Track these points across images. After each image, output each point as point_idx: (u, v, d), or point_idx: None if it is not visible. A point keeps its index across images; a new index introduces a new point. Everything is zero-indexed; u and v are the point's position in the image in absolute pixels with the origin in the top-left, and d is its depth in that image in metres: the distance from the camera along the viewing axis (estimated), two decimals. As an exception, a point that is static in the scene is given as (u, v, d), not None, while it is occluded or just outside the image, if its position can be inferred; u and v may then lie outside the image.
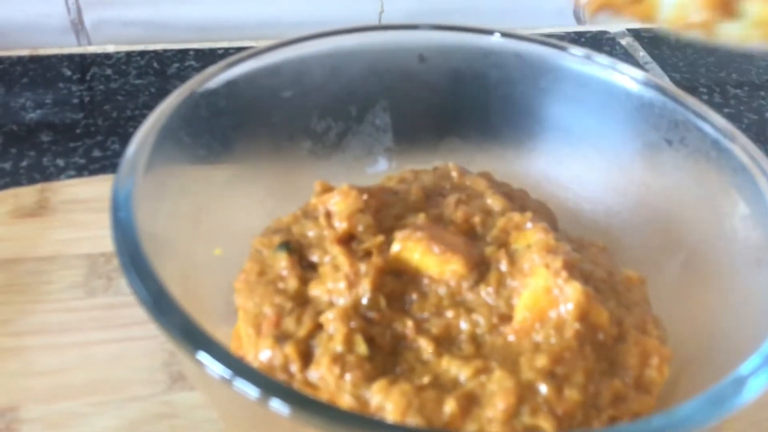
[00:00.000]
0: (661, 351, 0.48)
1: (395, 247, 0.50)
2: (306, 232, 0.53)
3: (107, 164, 0.79)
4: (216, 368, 0.36)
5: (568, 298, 0.46)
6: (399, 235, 0.50)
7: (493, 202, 0.55)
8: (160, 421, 0.53)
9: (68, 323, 0.59)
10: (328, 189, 0.57)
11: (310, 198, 0.58)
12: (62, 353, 0.57)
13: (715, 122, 0.52)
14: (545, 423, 0.42)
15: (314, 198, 0.56)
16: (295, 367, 0.45)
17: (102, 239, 0.66)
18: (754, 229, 0.48)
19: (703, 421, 0.38)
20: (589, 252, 0.55)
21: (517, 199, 0.59)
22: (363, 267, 0.48)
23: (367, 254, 0.50)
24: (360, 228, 0.51)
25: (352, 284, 0.48)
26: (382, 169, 0.62)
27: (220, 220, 0.57)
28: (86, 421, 0.52)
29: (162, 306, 0.39)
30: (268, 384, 0.36)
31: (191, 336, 0.37)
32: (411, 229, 0.50)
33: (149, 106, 0.87)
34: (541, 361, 0.44)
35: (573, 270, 0.48)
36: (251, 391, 0.35)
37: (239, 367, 0.36)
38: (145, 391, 0.55)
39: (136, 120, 0.85)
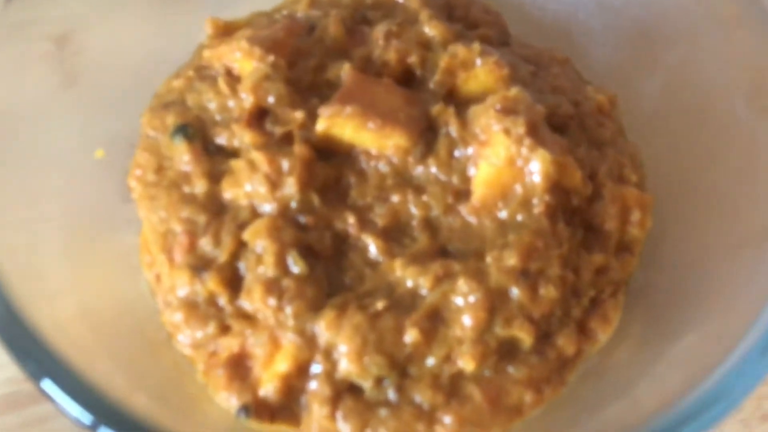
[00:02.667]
0: (642, 200, 0.41)
1: (320, 126, 0.40)
2: (205, 103, 0.43)
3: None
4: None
5: (535, 169, 0.39)
6: (324, 112, 0.40)
7: (431, 29, 0.44)
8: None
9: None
10: (222, 29, 0.45)
11: (201, 37, 0.47)
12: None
13: None
14: (522, 332, 0.37)
15: (208, 49, 0.44)
16: (223, 300, 0.38)
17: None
18: (752, 52, 0.39)
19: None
20: (549, 72, 0.45)
21: (459, 9, 0.48)
22: (285, 162, 0.39)
23: (287, 138, 0.40)
24: (271, 99, 0.41)
25: (275, 185, 0.39)
26: (287, -16, 0.49)
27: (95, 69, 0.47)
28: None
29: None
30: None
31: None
32: (338, 104, 0.40)
33: None
34: (511, 259, 0.37)
35: (538, 132, 0.39)
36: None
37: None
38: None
39: None
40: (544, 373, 0.38)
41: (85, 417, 0.30)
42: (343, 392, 0.37)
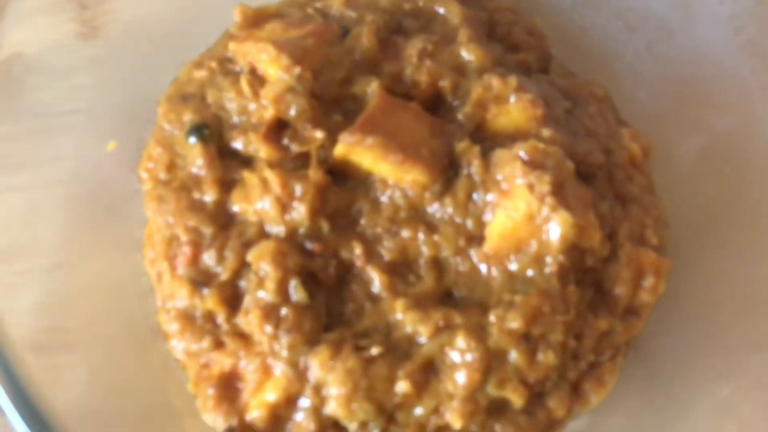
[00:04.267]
0: (658, 265, 0.40)
1: (339, 150, 0.39)
2: (225, 102, 0.41)
3: None
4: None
5: (554, 230, 0.37)
6: (344, 138, 0.38)
7: (469, 53, 0.42)
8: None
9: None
10: (251, 18, 0.43)
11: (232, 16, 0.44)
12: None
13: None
14: (514, 395, 0.37)
15: (234, 41, 0.42)
16: (220, 318, 0.38)
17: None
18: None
19: None
20: (585, 111, 0.43)
21: (502, 27, 0.45)
22: (298, 187, 0.38)
23: (304, 156, 0.39)
24: (293, 112, 0.39)
25: (285, 208, 0.38)
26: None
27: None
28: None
29: None
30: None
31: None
32: (359, 133, 0.38)
33: None
34: (515, 321, 0.36)
35: (563, 191, 0.38)
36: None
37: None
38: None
39: None
40: (531, 432, 0.38)
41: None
42: (328, 429, 0.37)
